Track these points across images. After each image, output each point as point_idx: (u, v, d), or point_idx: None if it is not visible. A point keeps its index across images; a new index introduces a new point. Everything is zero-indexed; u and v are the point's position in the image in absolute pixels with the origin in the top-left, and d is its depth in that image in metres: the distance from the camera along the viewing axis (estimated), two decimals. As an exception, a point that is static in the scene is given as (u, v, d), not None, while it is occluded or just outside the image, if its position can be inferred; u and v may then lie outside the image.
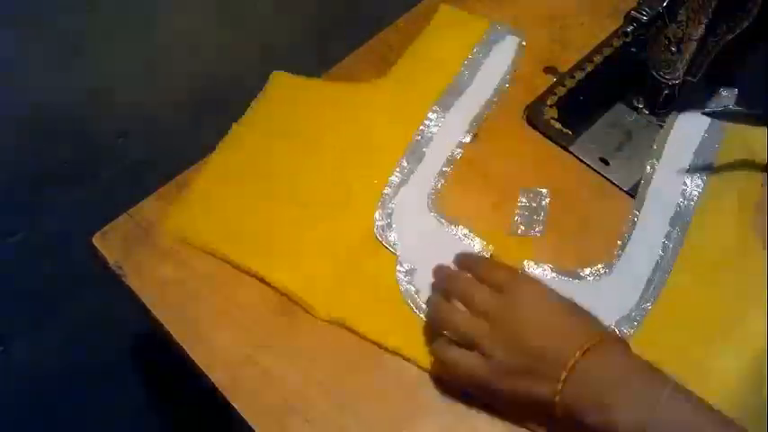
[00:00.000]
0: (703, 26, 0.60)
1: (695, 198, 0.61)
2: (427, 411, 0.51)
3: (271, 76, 0.67)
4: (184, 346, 0.54)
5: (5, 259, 0.61)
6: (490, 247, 0.58)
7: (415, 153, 0.64)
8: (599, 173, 0.63)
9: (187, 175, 0.63)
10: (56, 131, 0.57)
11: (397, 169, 0.63)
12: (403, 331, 0.54)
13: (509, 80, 0.69)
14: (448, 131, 0.65)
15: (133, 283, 0.57)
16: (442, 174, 0.63)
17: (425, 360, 0.52)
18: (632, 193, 0.62)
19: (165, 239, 0.59)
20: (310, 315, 0.55)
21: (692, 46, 0.61)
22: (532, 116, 0.67)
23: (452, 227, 0.59)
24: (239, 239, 0.58)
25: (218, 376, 0.52)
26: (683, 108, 0.66)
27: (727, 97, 0.66)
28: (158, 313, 0.55)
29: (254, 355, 0.53)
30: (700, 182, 0.61)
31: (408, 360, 0.53)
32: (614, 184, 0.62)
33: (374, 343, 0.54)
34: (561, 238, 0.59)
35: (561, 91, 0.69)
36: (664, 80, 0.64)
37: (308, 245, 0.58)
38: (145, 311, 0.56)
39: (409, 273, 0.57)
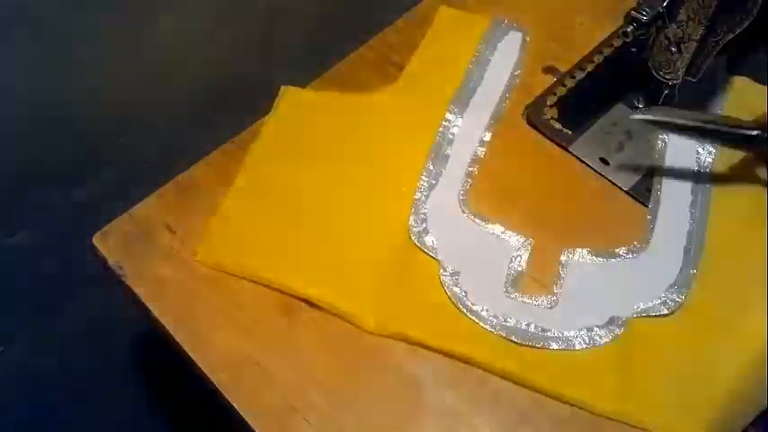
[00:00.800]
0: (703, 26, 0.60)
1: (709, 164, 0.62)
2: (427, 411, 0.51)
3: (281, 92, 0.66)
4: (184, 346, 0.54)
5: (5, 259, 0.61)
6: (530, 240, 0.59)
7: (440, 155, 0.63)
8: (599, 173, 0.63)
9: (187, 175, 0.63)
10: (56, 131, 0.57)
11: (424, 173, 0.62)
12: (463, 335, 0.54)
13: (519, 75, 0.69)
14: (468, 130, 0.65)
15: (133, 283, 0.57)
16: (469, 174, 0.63)
17: (487, 357, 0.53)
18: (632, 193, 0.62)
19: (165, 240, 0.59)
20: (310, 315, 0.55)
21: (692, 46, 0.61)
22: (532, 116, 0.67)
23: (488, 225, 0.59)
24: (278, 262, 0.57)
25: (218, 376, 0.52)
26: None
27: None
28: (158, 313, 0.55)
29: (254, 355, 0.53)
30: (711, 148, 0.63)
31: (470, 362, 0.53)
32: (614, 184, 0.62)
33: (436, 350, 0.54)
34: (561, 237, 0.59)
35: (561, 91, 0.69)
36: (664, 80, 0.64)
37: (348, 260, 0.57)
38: (145, 311, 0.56)
39: (454, 275, 0.56)
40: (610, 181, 0.63)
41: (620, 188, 0.62)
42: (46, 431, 0.80)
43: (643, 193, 0.62)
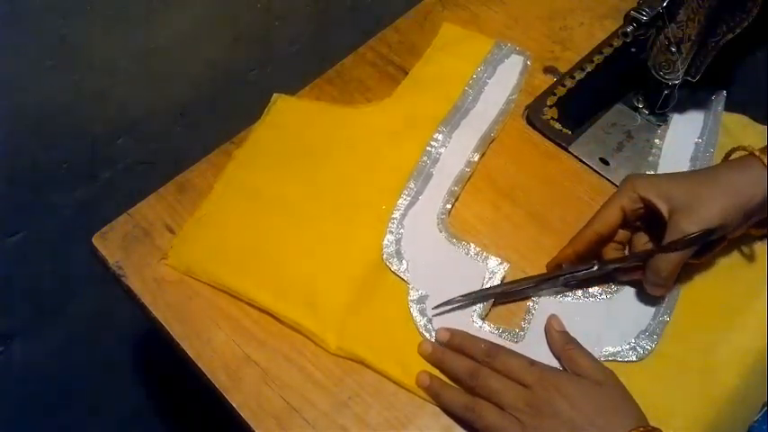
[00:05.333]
0: (703, 26, 0.60)
1: None
2: (427, 411, 0.51)
3: (273, 99, 0.65)
4: (184, 346, 0.54)
5: (5, 259, 0.61)
6: (505, 265, 0.56)
7: (422, 174, 0.62)
8: (599, 173, 0.63)
9: (187, 175, 0.63)
10: (56, 132, 0.57)
11: (405, 192, 0.60)
12: (424, 364, 0.53)
13: (514, 99, 0.68)
14: (455, 151, 0.63)
15: (133, 283, 0.57)
16: (451, 193, 0.61)
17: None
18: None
19: (165, 240, 0.59)
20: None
21: (692, 46, 0.61)
22: (532, 116, 0.67)
23: (463, 245, 0.58)
24: (245, 272, 0.56)
25: (218, 376, 0.52)
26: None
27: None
28: (158, 313, 0.55)
29: (254, 355, 0.53)
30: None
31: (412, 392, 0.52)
32: (614, 184, 0.62)
33: (384, 375, 0.52)
34: (561, 237, 0.59)
35: (561, 91, 0.69)
36: (664, 80, 0.64)
37: (319, 276, 0.56)
38: (145, 311, 0.56)
39: (421, 299, 0.55)
40: (610, 181, 0.63)
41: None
42: (46, 431, 0.80)
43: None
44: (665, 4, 0.58)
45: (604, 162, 0.64)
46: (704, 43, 0.61)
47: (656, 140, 0.65)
